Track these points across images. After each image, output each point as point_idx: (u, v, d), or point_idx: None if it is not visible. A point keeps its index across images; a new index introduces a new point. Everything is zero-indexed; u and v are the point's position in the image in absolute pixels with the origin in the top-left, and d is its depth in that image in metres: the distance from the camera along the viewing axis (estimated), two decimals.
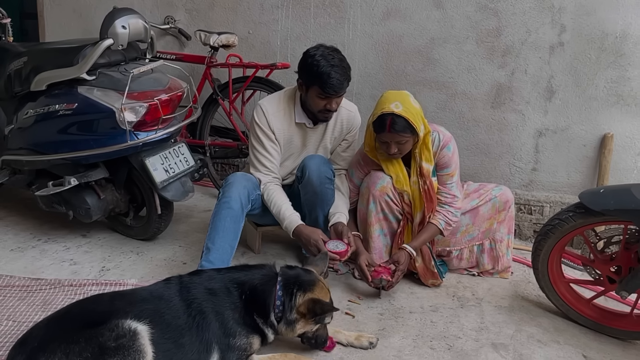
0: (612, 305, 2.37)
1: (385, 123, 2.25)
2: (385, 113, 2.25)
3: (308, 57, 2.36)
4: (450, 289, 2.57)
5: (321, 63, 2.31)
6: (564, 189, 3.15)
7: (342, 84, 2.35)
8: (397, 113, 2.23)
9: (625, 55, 2.89)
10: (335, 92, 2.34)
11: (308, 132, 2.58)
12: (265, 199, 2.47)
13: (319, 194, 2.48)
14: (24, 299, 2.26)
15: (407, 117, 2.24)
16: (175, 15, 3.82)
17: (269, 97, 2.61)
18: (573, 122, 3.06)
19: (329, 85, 2.31)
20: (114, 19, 2.49)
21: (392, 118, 2.24)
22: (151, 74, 2.65)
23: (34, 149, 2.68)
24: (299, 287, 1.89)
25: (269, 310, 1.87)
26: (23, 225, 3.04)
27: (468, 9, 3.11)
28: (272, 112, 2.49)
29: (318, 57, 2.33)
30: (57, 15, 4.21)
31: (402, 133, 2.26)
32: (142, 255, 2.77)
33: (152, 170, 2.57)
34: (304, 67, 2.37)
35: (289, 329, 1.89)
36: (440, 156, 2.44)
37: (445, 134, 2.46)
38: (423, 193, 2.43)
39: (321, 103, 2.39)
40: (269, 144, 2.50)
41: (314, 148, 2.63)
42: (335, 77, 2.30)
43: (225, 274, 1.93)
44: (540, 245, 2.27)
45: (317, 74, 2.31)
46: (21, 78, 2.70)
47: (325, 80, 2.30)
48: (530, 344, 2.15)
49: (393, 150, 2.33)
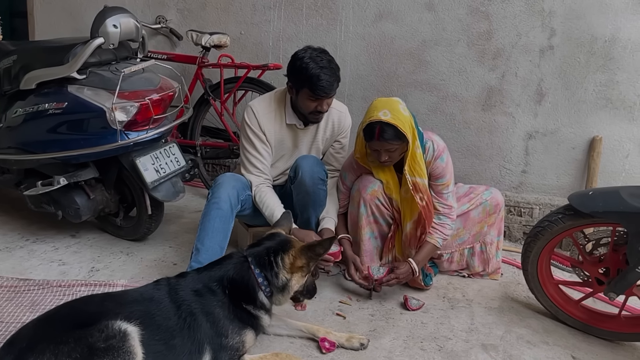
0: (600, 307, 2.39)
1: (374, 131, 2.24)
2: (374, 121, 2.23)
3: (296, 60, 2.35)
4: (441, 290, 2.58)
5: (310, 65, 2.30)
6: (554, 191, 3.18)
7: (332, 85, 2.34)
8: (386, 121, 2.21)
9: (614, 59, 2.92)
10: (325, 93, 2.33)
11: (299, 133, 2.58)
12: (257, 201, 2.47)
13: (311, 195, 2.48)
14: (12, 299, 2.24)
15: (396, 125, 2.21)
16: (167, 15, 3.81)
17: (259, 99, 2.60)
18: (562, 125, 3.08)
19: (319, 87, 2.30)
20: (105, 17, 2.48)
21: (381, 126, 2.22)
22: (142, 73, 2.63)
23: (22, 148, 2.66)
24: (274, 253, 1.93)
25: (256, 292, 1.90)
26: (11, 225, 3.01)
27: (459, 11, 3.13)
28: (262, 113, 2.49)
29: (307, 59, 2.32)
30: (47, 13, 4.18)
31: (390, 141, 2.24)
32: (132, 255, 2.75)
33: (143, 170, 2.56)
34: (293, 70, 2.36)
35: (285, 294, 1.94)
36: (434, 167, 2.42)
37: (439, 144, 2.42)
38: (422, 210, 2.37)
39: (312, 105, 2.38)
40: (260, 145, 2.50)
41: (306, 149, 2.62)
42: (324, 79, 2.29)
43: (204, 274, 1.93)
44: (529, 247, 2.28)
45: (307, 77, 2.30)
46: (10, 76, 2.68)
47: (314, 82, 2.29)
48: (519, 344, 2.16)
49: (384, 158, 2.31)
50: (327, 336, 2.05)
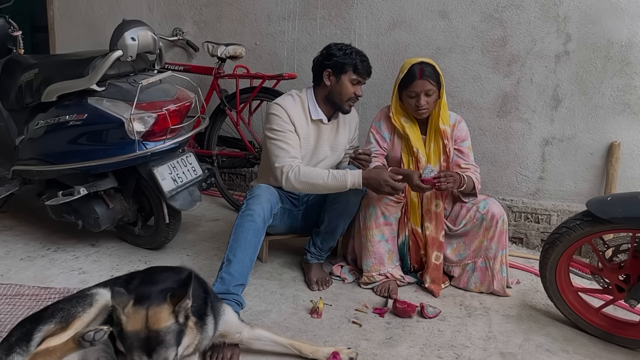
0: (621, 314, 2.35)
1: (416, 71, 2.45)
2: (415, 63, 2.47)
3: (334, 49, 2.54)
4: (458, 297, 2.56)
5: (348, 50, 2.53)
6: (572, 198, 3.14)
7: (371, 68, 2.58)
8: (426, 61, 2.48)
9: (631, 64, 2.89)
10: (367, 73, 2.56)
11: (323, 130, 2.63)
12: (301, 178, 2.36)
13: (350, 205, 2.52)
14: (33, 307, 2.27)
15: (434, 65, 2.48)
16: (184, 27, 3.87)
17: (282, 97, 2.63)
18: (580, 131, 3.05)
19: (364, 67, 2.52)
20: (124, 31, 2.53)
21: (422, 67, 2.45)
22: (159, 84, 2.68)
23: (44, 159, 2.71)
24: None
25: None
26: (33, 235, 3.07)
27: (473, 19, 3.13)
28: (291, 108, 2.53)
29: (343, 47, 2.54)
30: (67, 28, 4.28)
31: (431, 79, 2.45)
32: (150, 264, 2.78)
33: (161, 180, 2.60)
34: (334, 56, 2.52)
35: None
36: (459, 129, 2.62)
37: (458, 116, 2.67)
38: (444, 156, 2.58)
39: (351, 90, 2.53)
40: (291, 135, 2.49)
41: (328, 148, 2.67)
42: (365, 60, 2.55)
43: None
44: (547, 253, 2.26)
45: (351, 59, 2.50)
46: (32, 89, 2.74)
47: (357, 63, 2.50)
48: (538, 353, 2.13)
49: (423, 102, 2.46)
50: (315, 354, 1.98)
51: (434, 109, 2.56)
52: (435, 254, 2.57)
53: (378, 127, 2.68)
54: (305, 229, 2.77)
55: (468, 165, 2.61)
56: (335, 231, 2.60)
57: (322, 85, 2.57)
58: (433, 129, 2.58)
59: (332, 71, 2.53)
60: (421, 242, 2.61)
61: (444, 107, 2.56)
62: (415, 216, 2.61)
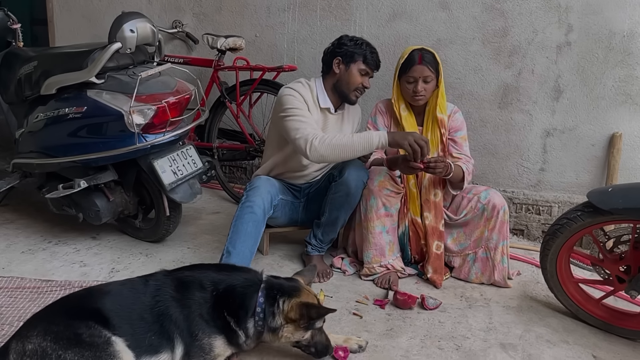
0: (621, 305, 2.36)
1: (415, 57, 2.49)
2: (415, 49, 2.52)
3: (345, 39, 2.57)
4: (458, 289, 2.57)
5: (359, 41, 2.56)
6: (573, 189, 3.13)
7: (379, 62, 2.61)
8: (426, 49, 2.53)
9: (633, 54, 2.88)
10: (375, 66, 2.59)
11: (329, 119, 2.64)
12: (327, 142, 2.29)
13: (351, 197, 2.51)
14: (34, 300, 2.29)
15: (434, 53, 2.52)
16: (183, 19, 3.86)
17: (292, 83, 2.61)
18: (581, 122, 3.04)
19: (373, 59, 2.56)
20: (122, 23, 2.51)
21: (422, 53, 2.49)
22: (159, 77, 2.67)
23: (44, 152, 2.71)
24: (282, 294, 1.82)
25: (246, 314, 1.79)
26: (34, 228, 3.08)
27: (474, 9, 3.11)
28: (302, 92, 2.53)
29: (355, 38, 2.57)
30: (66, 20, 4.26)
31: (430, 66, 2.47)
32: (151, 257, 2.79)
33: (161, 173, 2.59)
34: (345, 46, 2.55)
35: (275, 336, 1.82)
36: (454, 119, 2.64)
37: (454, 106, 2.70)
38: (441, 145, 2.60)
39: (359, 80, 2.55)
40: (307, 112, 2.47)
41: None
42: (375, 53, 2.58)
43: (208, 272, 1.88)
44: (548, 245, 2.26)
45: (360, 49, 2.54)
46: (31, 82, 2.74)
47: (367, 54, 2.54)
48: (539, 344, 2.14)
49: (420, 87, 2.48)
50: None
51: (432, 98, 2.57)
52: (436, 243, 2.57)
53: (374, 122, 2.71)
54: (306, 221, 2.77)
55: (460, 155, 2.61)
56: (336, 223, 2.61)
57: (332, 73, 2.58)
58: (431, 118, 2.60)
59: (342, 59, 2.55)
60: (421, 232, 2.62)
61: (442, 96, 2.58)
62: (415, 206, 2.61)
